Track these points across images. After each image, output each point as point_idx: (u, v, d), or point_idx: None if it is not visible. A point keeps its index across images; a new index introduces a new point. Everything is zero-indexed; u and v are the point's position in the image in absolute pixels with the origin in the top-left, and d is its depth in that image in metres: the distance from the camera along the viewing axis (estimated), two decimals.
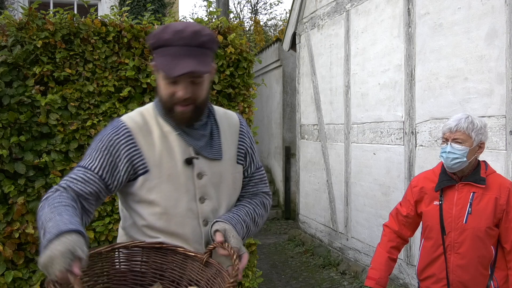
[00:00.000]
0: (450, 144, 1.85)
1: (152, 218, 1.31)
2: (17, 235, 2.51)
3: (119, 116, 1.53)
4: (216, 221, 1.28)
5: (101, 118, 2.71)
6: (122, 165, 1.27)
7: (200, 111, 1.29)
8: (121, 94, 2.73)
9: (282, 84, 7.45)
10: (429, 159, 3.47)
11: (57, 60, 2.62)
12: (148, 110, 1.36)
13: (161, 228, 1.31)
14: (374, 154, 4.20)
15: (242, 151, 1.43)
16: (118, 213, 1.31)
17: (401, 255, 3.81)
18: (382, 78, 4.06)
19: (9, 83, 2.54)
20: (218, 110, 1.44)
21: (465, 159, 1.84)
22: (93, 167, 1.27)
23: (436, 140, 3.41)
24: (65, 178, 1.30)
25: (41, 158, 2.58)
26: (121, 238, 1.44)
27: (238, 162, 1.42)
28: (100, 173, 1.26)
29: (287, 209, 7.35)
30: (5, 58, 2.50)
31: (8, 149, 2.50)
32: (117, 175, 1.28)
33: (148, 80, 2.76)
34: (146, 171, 1.28)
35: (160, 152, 1.30)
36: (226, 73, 2.95)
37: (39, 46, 2.55)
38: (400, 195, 3.82)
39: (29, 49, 2.55)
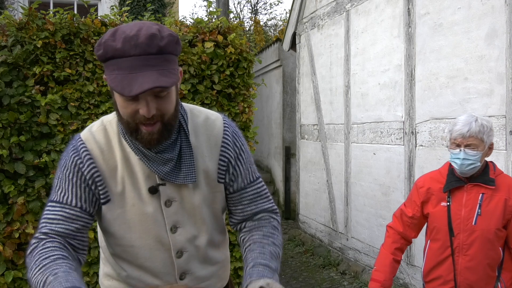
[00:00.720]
0: (464, 150, 1.81)
1: (118, 249, 1.20)
2: (17, 235, 2.51)
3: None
4: (253, 280, 1.08)
5: None
6: (93, 189, 1.14)
7: (169, 129, 1.08)
8: None
9: (282, 84, 7.45)
10: (429, 159, 3.47)
11: (57, 60, 2.62)
12: (112, 124, 1.17)
13: (128, 259, 1.21)
14: (374, 154, 4.20)
15: (223, 166, 1.22)
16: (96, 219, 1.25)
17: None
18: (382, 78, 4.06)
19: (9, 83, 2.54)
20: (196, 118, 1.21)
21: (479, 163, 1.83)
22: (69, 200, 1.12)
23: (436, 140, 3.41)
24: (42, 221, 1.13)
25: (41, 158, 2.58)
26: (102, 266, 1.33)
27: (218, 181, 1.22)
28: (79, 204, 1.12)
29: (287, 209, 7.35)
30: (5, 58, 2.50)
31: (8, 149, 2.50)
32: (94, 199, 1.14)
33: None
34: (108, 201, 1.14)
35: (122, 178, 1.14)
36: (226, 73, 2.95)
37: (39, 46, 2.55)
38: (400, 195, 3.82)
39: (29, 49, 2.55)
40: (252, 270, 1.13)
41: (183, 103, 1.24)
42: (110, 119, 1.19)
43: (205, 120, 1.22)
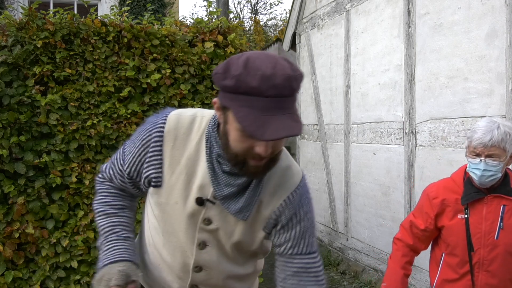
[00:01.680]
0: (485, 160, 1.65)
1: (154, 223, 1.25)
2: (17, 235, 2.51)
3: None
4: None
5: (101, 118, 2.71)
6: (145, 165, 1.17)
7: (274, 164, 1.06)
8: (121, 94, 2.73)
9: None
10: (429, 159, 3.47)
11: (57, 60, 2.62)
12: (202, 121, 1.15)
13: (154, 244, 1.26)
14: (374, 154, 4.20)
15: (273, 219, 1.16)
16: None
17: None
18: (382, 78, 4.06)
19: (9, 83, 2.54)
20: (280, 162, 1.14)
21: (499, 174, 1.68)
22: (126, 162, 1.20)
23: (436, 140, 3.41)
24: (110, 162, 1.28)
25: (41, 158, 2.58)
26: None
27: (263, 229, 1.18)
28: (127, 170, 1.20)
29: None
30: (5, 58, 2.50)
31: (8, 149, 2.50)
32: (144, 175, 1.18)
33: (148, 80, 2.76)
34: (159, 186, 1.16)
35: (178, 175, 1.13)
36: None
37: (39, 46, 2.55)
38: (400, 195, 3.82)
39: (29, 49, 2.55)
40: None
41: None
42: (204, 115, 1.17)
43: (286, 169, 1.17)
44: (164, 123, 1.14)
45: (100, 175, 1.30)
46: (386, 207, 4.02)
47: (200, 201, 1.12)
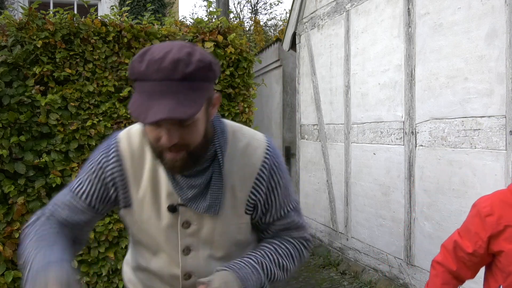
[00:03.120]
0: None
1: (137, 240, 1.21)
2: (17, 235, 2.51)
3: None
4: (217, 271, 1.07)
5: (101, 118, 2.71)
6: (112, 191, 1.13)
7: (195, 159, 1.02)
8: (121, 94, 2.73)
9: (282, 84, 7.45)
10: (429, 159, 3.47)
11: (57, 60, 2.62)
12: None
13: (142, 254, 1.22)
14: (374, 154, 4.20)
15: (252, 201, 1.14)
16: (118, 213, 1.25)
17: (401, 255, 3.81)
18: (382, 78, 4.06)
19: (9, 83, 2.54)
20: (237, 143, 1.13)
21: None
22: (81, 192, 1.13)
23: (436, 140, 3.41)
24: (52, 201, 1.17)
25: (41, 158, 2.58)
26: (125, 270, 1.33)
27: (246, 212, 1.16)
28: (88, 200, 1.13)
29: None
30: (5, 58, 2.50)
31: (8, 149, 2.50)
32: (108, 201, 1.15)
33: None
34: (129, 205, 1.14)
35: (145, 190, 1.12)
36: (226, 73, 2.95)
37: (39, 46, 2.55)
38: (400, 195, 3.82)
39: (29, 49, 2.55)
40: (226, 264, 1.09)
41: (228, 122, 1.17)
42: None
43: (246, 147, 1.14)
44: (117, 144, 1.12)
45: (30, 221, 1.15)
46: (386, 207, 4.02)
47: (172, 208, 1.10)
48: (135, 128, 1.15)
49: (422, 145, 3.56)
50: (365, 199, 4.37)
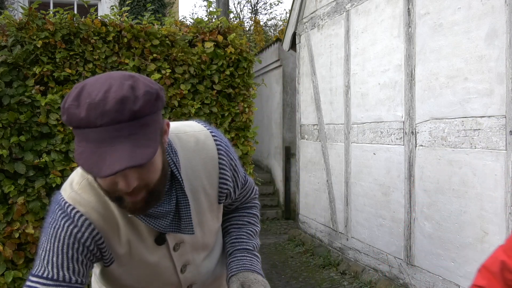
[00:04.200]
0: None
1: (124, 281, 1.13)
2: (17, 235, 2.51)
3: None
4: (233, 275, 1.11)
5: None
6: (91, 258, 1.01)
7: (157, 196, 0.94)
8: None
9: (282, 84, 7.45)
10: (429, 159, 3.47)
11: (57, 60, 2.62)
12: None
13: None
14: (374, 154, 4.20)
15: (224, 190, 1.14)
16: None
17: (401, 255, 3.81)
18: (382, 78, 4.06)
19: (9, 83, 2.54)
20: (186, 144, 1.08)
21: None
22: (63, 276, 0.97)
23: (436, 140, 3.41)
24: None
25: (41, 158, 2.58)
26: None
27: (219, 203, 1.16)
28: (74, 279, 0.98)
29: (287, 209, 7.36)
30: (5, 58, 2.50)
31: (8, 149, 2.50)
32: (91, 265, 1.03)
33: None
34: (112, 262, 1.06)
35: (126, 235, 1.03)
36: (226, 73, 2.95)
37: (39, 46, 2.55)
38: (400, 195, 3.82)
39: (29, 49, 2.55)
40: (232, 260, 1.17)
41: (170, 132, 1.06)
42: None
43: (196, 144, 1.09)
44: (75, 208, 0.98)
45: None
46: (386, 207, 4.02)
47: (159, 240, 1.06)
48: (77, 186, 1.01)
49: (422, 145, 3.56)
50: (365, 199, 4.37)
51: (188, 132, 1.11)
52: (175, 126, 1.12)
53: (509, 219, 2.78)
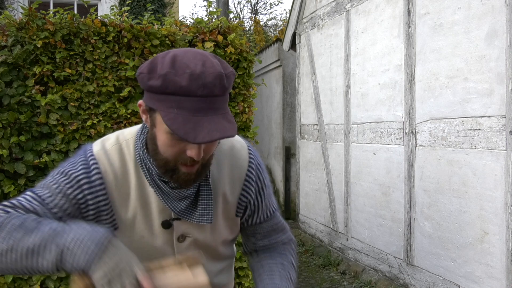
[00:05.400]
0: None
1: None
2: None
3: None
4: None
5: (101, 118, 2.71)
6: (90, 213, 1.01)
7: (206, 170, 0.99)
8: (121, 94, 2.73)
9: (282, 84, 7.45)
10: (429, 159, 3.47)
11: (57, 60, 2.62)
12: (129, 146, 1.05)
13: None
14: (374, 154, 4.20)
15: (244, 202, 1.14)
16: None
17: (401, 255, 3.81)
18: (382, 78, 4.06)
19: (9, 83, 2.54)
20: (221, 146, 1.10)
21: None
22: (52, 205, 0.97)
23: (436, 140, 3.41)
24: (11, 202, 0.95)
25: (41, 158, 2.58)
26: None
27: (236, 215, 1.15)
28: (58, 214, 0.97)
29: (287, 209, 7.35)
30: (5, 58, 2.50)
31: (8, 149, 2.50)
32: (81, 218, 1.02)
33: None
34: (115, 229, 1.05)
35: (134, 208, 1.04)
36: None
37: (39, 46, 2.55)
38: (400, 195, 3.82)
39: (29, 49, 2.55)
40: None
41: None
42: (127, 138, 1.06)
43: (231, 149, 1.11)
44: (97, 164, 1.01)
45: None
46: (386, 207, 4.02)
47: (166, 224, 1.06)
48: (110, 145, 1.05)
49: (422, 145, 3.56)
50: (365, 199, 4.37)
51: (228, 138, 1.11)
52: None
53: (509, 219, 2.78)
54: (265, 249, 1.22)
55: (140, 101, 0.96)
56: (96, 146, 1.05)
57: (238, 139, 1.15)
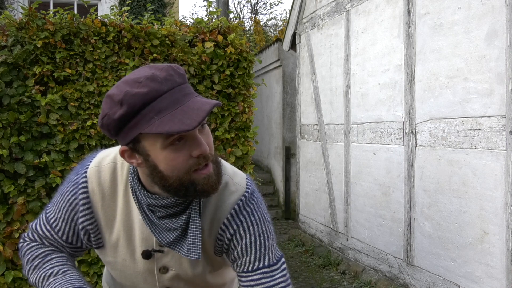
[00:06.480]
0: None
1: (113, 275, 1.16)
2: (17, 235, 2.51)
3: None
4: None
5: None
6: (82, 234, 1.06)
7: (220, 168, 0.96)
8: None
9: (282, 84, 7.45)
10: (429, 159, 3.47)
11: (57, 60, 2.62)
12: (123, 167, 1.03)
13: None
14: (374, 154, 4.20)
15: (219, 246, 1.05)
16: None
17: (401, 255, 3.81)
18: (382, 78, 4.06)
19: (9, 83, 2.54)
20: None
21: None
22: (57, 229, 1.07)
23: (436, 140, 3.41)
24: (34, 227, 1.10)
25: (41, 158, 2.58)
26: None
27: (215, 254, 1.08)
28: (64, 237, 1.07)
29: (287, 209, 7.35)
30: (5, 58, 2.50)
31: (8, 149, 2.50)
32: (82, 239, 1.07)
33: None
34: (101, 247, 1.07)
35: (118, 233, 1.03)
36: (226, 73, 2.95)
37: (39, 46, 2.55)
38: (400, 195, 3.82)
39: (29, 49, 2.55)
40: None
41: None
42: (122, 159, 1.02)
43: (222, 188, 1.03)
44: (86, 183, 1.02)
45: (24, 238, 1.12)
46: (386, 207, 4.02)
47: (147, 255, 1.03)
48: (106, 162, 1.04)
49: (422, 145, 3.56)
50: (365, 199, 4.37)
51: (227, 174, 1.06)
52: (226, 163, 1.10)
53: (509, 219, 2.78)
54: None
55: (120, 148, 0.91)
56: (95, 160, 1.06)
57: (237, 181, 1.06)
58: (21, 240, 1.13)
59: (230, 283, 1.29)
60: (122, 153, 0.91)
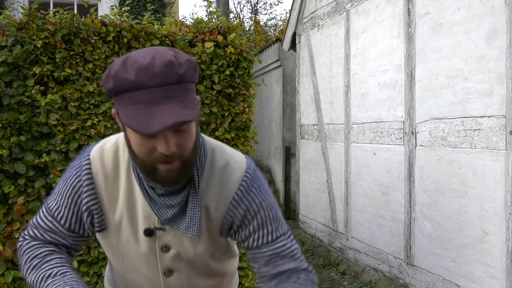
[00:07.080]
0: None
1: (114, 268, 1.20)
2: (17, 235, 2.51)
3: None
4: None
5: (101, 118, 2.71)
6: (86, 216, 1.08)
7: (189, 167, 0.96)
8: None
9: (282, 84, 7.45)
10: (429, 159, 3.47)
11: (57, 60, 2.62)
12: (125, 149, 1.07)
13: (121, 279, 1.20)
14: (374, 154, 4.20)
15: (227, 224, 1.09)
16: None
17: (401, 255, 3.81)
18: (382, 78, 4.06)
19: (9, 83, 2.54)
20: (216, 162, 1.08)
21: None
22: (60, 217, 1.09)
23: (436, 140, 3.41)
24: (33, 223, 1.12)
25: (41, 158, 2.58)
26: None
27: (220, 234, 1.12)
28: (67, 225, 1.09)
29: (287, 209, 7.35)
30: (5, 58, 2.50)
31: (8, 149, 2.50)
32: (86, 224, 1.10)
33: None
34: (103, 229, 1.10)
35: (121, 211, 1.07)
36: (226, 73, 2.95)
37: (39, 46, 2.55)
38: (400, 195, 3.82)
39: (29, 49, 2.55)
40: None
41: (208, 139, 1.11)
42: (125, 141, 1.05)
43: (224, 167, 1.08)
44: (89, 164, 1.06)
45: (24, 236, 1.14)
46: (386, 207, 4.02)
47: (149, 232, 1.06)
48: (109, 146, 1.08)
49: (422, 145, 3.56)
50: (365, 199, 4.37)
51: (225, 153, 1.11)
52: (219, 143, 1.14)
53: (509, 219, 2.78)
54: (274, 278, 1.09)
55: (113, 109, 0.95)
56: (97, 146, 1.10)
57: (237, 159, 1.11)
58: (20, 239, 1.13)
59: (230, 276, 1.30)
60: (113, 113, 0.95)
